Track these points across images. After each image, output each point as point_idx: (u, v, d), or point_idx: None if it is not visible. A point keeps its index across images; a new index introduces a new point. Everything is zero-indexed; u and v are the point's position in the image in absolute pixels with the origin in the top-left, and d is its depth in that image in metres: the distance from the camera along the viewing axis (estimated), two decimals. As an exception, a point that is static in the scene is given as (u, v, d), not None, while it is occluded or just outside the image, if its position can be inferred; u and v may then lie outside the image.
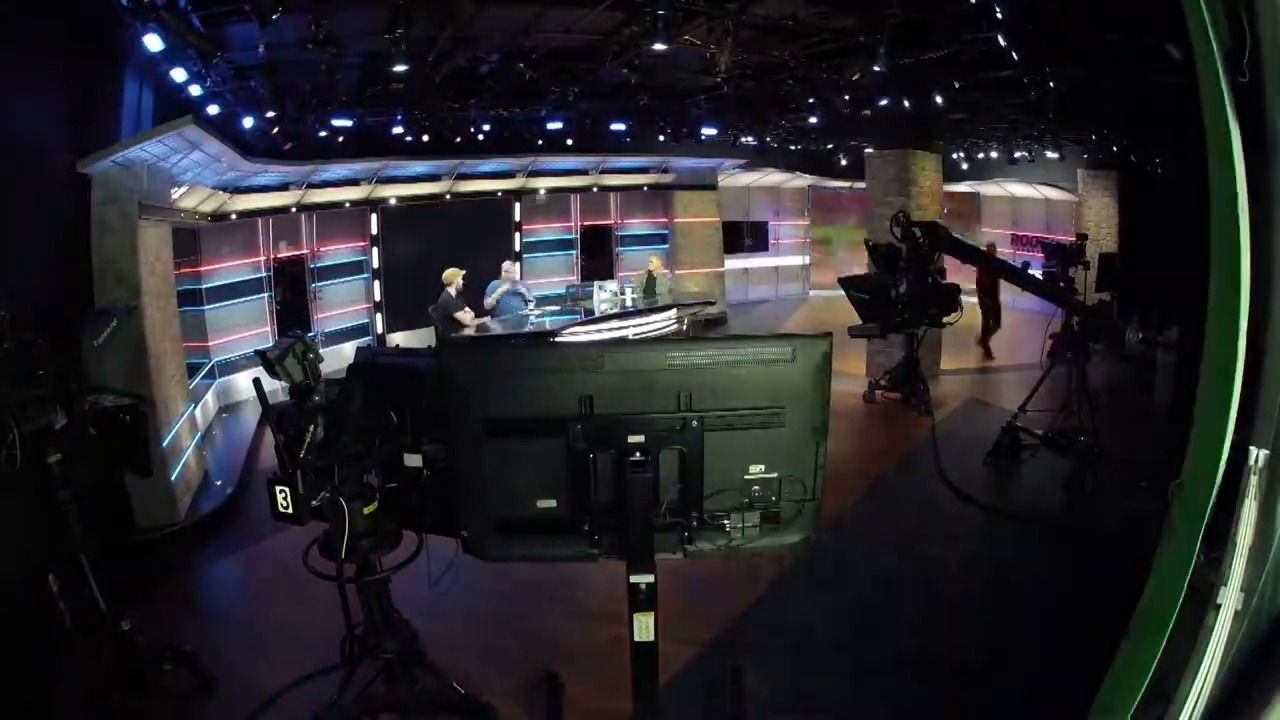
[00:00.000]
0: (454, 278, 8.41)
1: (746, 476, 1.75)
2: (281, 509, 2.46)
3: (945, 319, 7.21)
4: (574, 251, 13.72)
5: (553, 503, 1.76)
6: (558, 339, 8.22)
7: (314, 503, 2.46)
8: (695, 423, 1.69)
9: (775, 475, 1.75)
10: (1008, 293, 13.78)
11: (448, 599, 2.82)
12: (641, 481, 1.67)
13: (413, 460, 2.57)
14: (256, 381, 2.52)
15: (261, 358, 2.63)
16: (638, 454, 1.68)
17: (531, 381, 1.72)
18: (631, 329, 8.79)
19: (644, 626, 1.83)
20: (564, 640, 3.99)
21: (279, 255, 10.24)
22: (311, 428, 2.48)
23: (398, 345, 10.29)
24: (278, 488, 2.44)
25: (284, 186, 10.04)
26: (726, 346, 1.74)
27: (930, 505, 5.67)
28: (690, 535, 1.78)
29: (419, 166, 11.19)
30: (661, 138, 10.58)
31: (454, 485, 1.81)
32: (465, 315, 8.33)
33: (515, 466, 1.74)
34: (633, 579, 1.76)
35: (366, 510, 2.60)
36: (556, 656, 3.86)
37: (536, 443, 1.72)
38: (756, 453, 1.74)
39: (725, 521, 1.76)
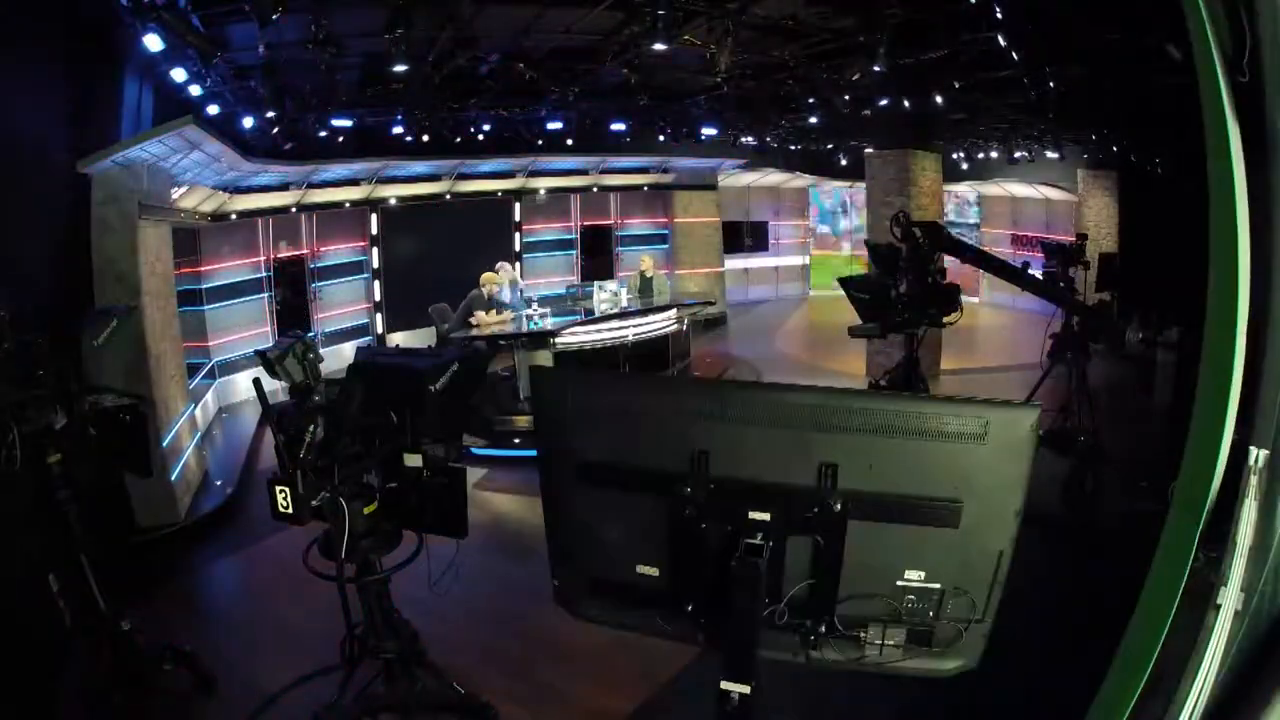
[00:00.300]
0: (490, 281, 8.42)
1: (900, 583, 1.34)
2: (282, 509, 2.45)
3: (945, 319, 7.22)
4: (574, 251, 13.72)
5: (654, 570, 1.43)
6: (557, 339, 8.23)
7: (314, 503, 2.45)
8: (839, 506, 1.28)
9: (937, 586, 1.34)
10: (1007, 293, 13.85)
11: (448, 599, 2.82)
12: (752, 572, 1.28)
13: (413, 460, 2.57)
14: (256, 381, 2.53)
15: (261, 358, 2.65)
16: (758, 535, 1.31)
17: (634, 423, 1.36)
18: (632, 330, 8.78)
19: None
20: (564, 640, 3.99)
21: (279, 255, 10.24)
22: (311, 428, 2.48)
23: (398, 345, 10.29)
24: (278, 488, 2.44)
25: (284, 186, 10.05)
26: (894, 404, 1.29)
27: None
28: (817, 641, 1.41)
29: (419, 166, 11.20)
30: (661, 138, 10.58)
31: (548, 526, 1.50)
32: (486, 316, 8.33)
33: (612, 521, 1.42)
34: (724, 685, 1.36)
35: (366, 510, 2.60)
36: (557, 656, 3.86)
37: (638, 498, 1.38)
38: (914, 554, 1.32)
39: (862, 633, 1.38)
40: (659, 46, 5.71)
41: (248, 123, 7.35)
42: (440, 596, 2.72)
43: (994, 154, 12.34)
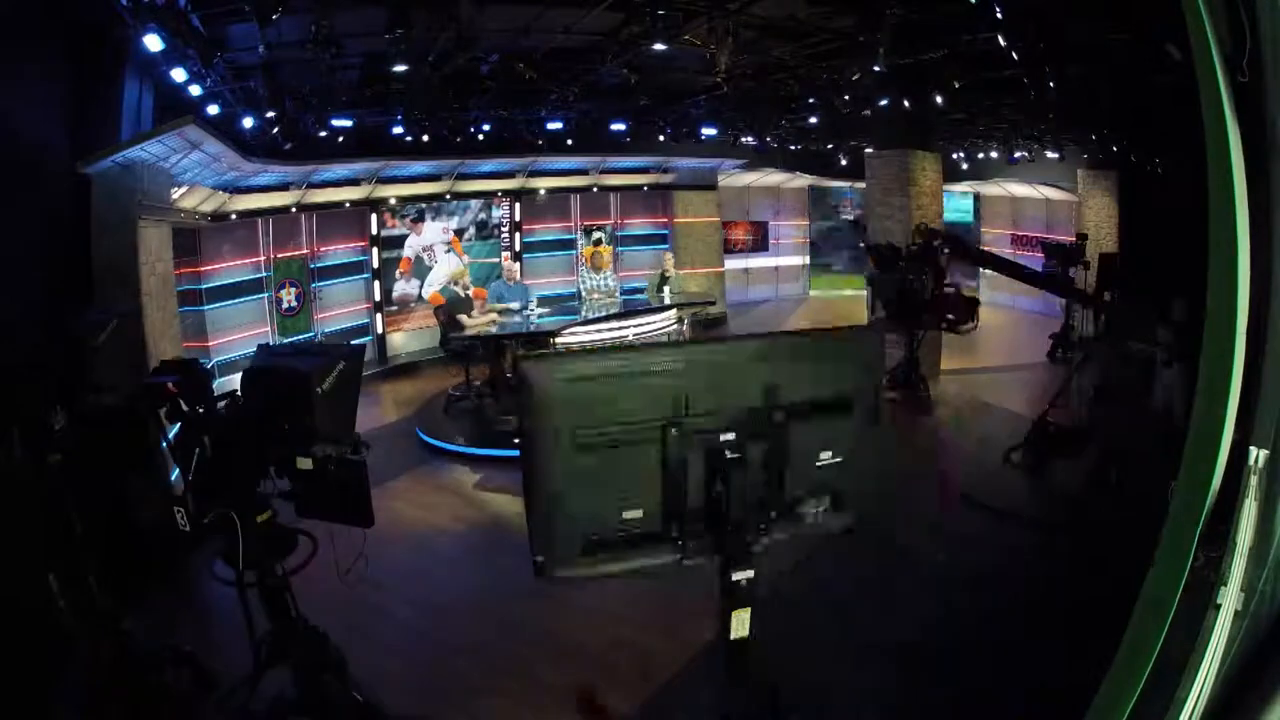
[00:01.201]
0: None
1: (818, 464, 1.78)
2: (181, 528, 2.59)
3: (962, 327, 7.40)
4: (574, 252, 13.72)
5: (639, 513, 1.70)
6: (558, 339, 8.23)
7: (205, 520, 2.59)
8: (779, 416, 1.70)
9: (842, 459, 1.79)
10: (1008, 292, 13.85)
11: (449, 598, 2.82)
12: (740, 479, 1.69)
13: (304, 464, 2.63)
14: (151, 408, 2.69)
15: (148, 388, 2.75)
16: (727, 452, 1.67)
17: (621, 386, 1.64)
18: (632, 330, 8.78)
19: (741, 622, 1.84)
20: (564, 639, 4.00)
21: (279, 255, 10.24)
22: (197, 450, 2.60)
23: (293, 343, 10.16)
24: (175, 508, 2.57)
25: (284, 186, 10.04)
26: (801, 339, 1.82)
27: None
28: (769, 527, 1.78)
29: (419, 166, 11.19)
30: (661, 138, 10.58)
31: (530, 507, 1.70)
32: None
33: (603, 478, 1.66)
34: (735, 575, 1.77)
35: (260, 519, 2.72)
36: (557, 656, 3.86)
37: (627, 451, 1.65)
38: (827, 440, 1.78)
39: (801, 509, 1.77)
40: (659, 46, 5.71)
41: (248, 123, 7.35)
42: (436, 592, 2.73)
43: (994, 154, 12.34)
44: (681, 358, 1.68)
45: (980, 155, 12.87)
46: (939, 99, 7.32)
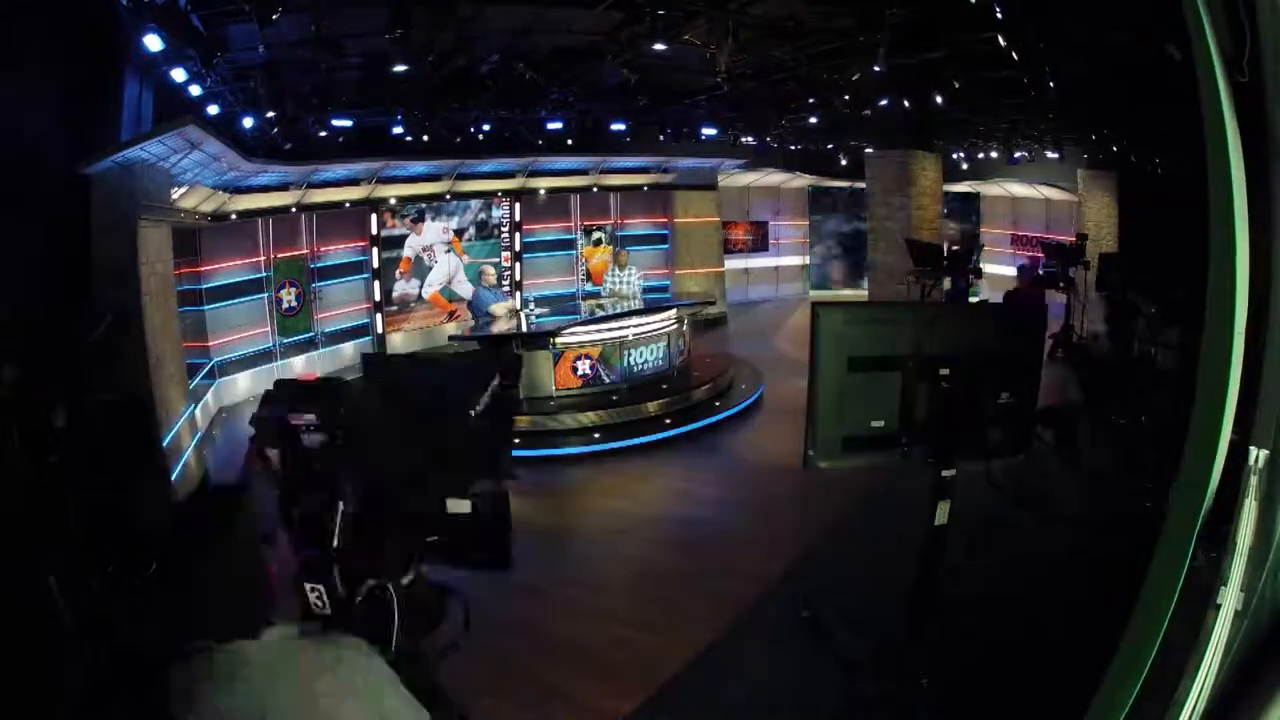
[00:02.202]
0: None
1: (999, 401, 2.47)
2: (316, 609, 1.74)
3: None
4: (574, 252, 13.73)
5: (882, 422, 2.39)
6: (558, 339, 8.24)
7: (357, 600, 1.76)
8: (978, 361, 2.43)
9: (1014, 400, 2.50)
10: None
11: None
12: (952, 404, 2.40)
13: (458, 507, 1.98)
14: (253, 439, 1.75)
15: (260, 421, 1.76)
16: (944, 384, 2.39)
17: (880, 329, 2.43)
18: (632, 330, 8.79)
19: (943, 511, 2.52)
20: (564, 639, 4.00)
21: (279, 255, 10.24)
22: (340, 503, 1.75)
23: (414, 354, 9.78)
24: (308, 586, 1.74)
25: (284, 186, 10.04)
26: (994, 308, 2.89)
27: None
28: (963, 441, 2.49)
29: (419, 166, 11.19)
30: (661, 138, 10.58)
31: (810, 413, 2.39)
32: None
33: (862, 395, 2.38)
34: (944, 473, 2.47)
35: (405, 581, 1.88)
36: (558, 655, 3.87)
37: (881, 376, 2.38)
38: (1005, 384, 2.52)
39: (985, 433, 2.48)
40: (659, 46, 5.72)
41: (248, 123, 7.36)
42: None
43: (994, 154, 12.34)
44: (927, 314, 2.74)
45: (980, 155, 12.87)
46: (939, 99, 7.32)
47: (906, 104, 7.70)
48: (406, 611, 1.79)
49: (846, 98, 7.75)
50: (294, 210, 10.32)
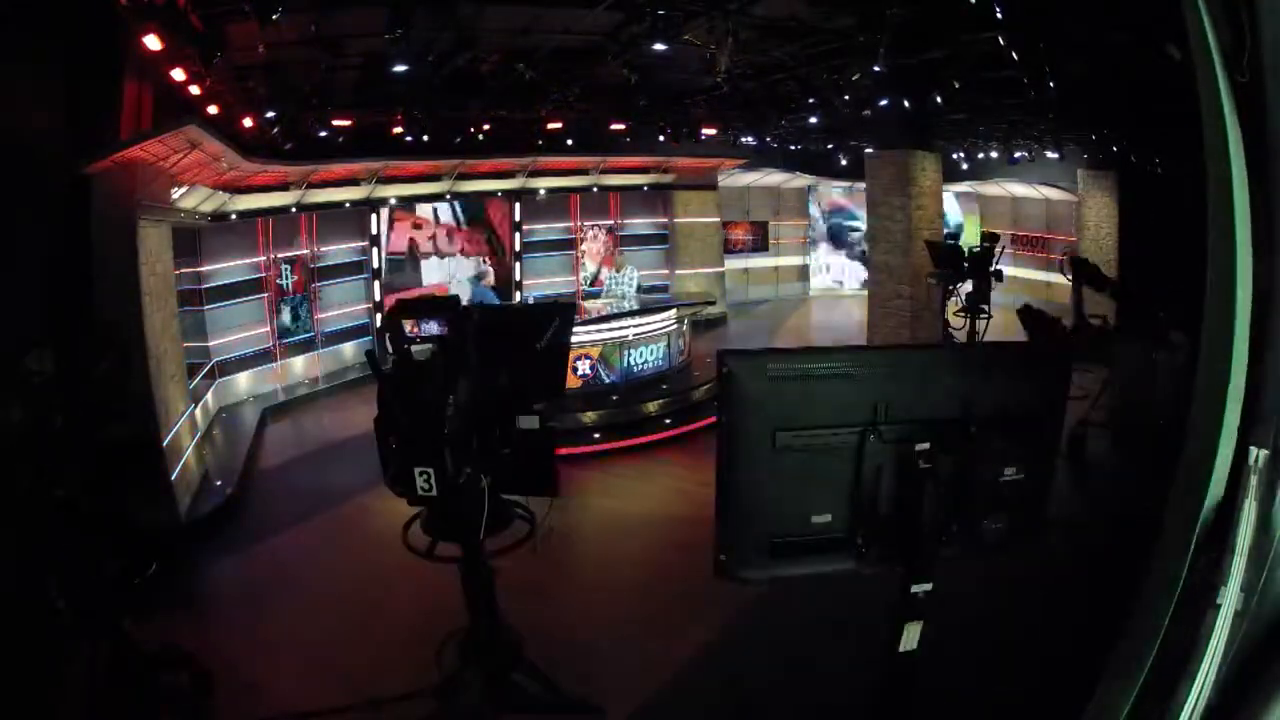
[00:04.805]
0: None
1: (1002, 479, 1.73)
2: (423, 491, 2.21)
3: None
4: (574, 251, 13.72)
5: (828, 517, 1.69)
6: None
7: (460, 481, 2.21)
8: (973, 428, 1.69)
9: (1024, 476, 1.74)
10: (1021, 295, 13.82)
11: (449, 597, 2.80)
12: (934, 490, 1.66)
13: (528, 423, 2.33)
14: (370, 354, 2.37)
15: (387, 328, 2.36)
16: (922, 462, 1.66)
17: (825, 388, 1.65)
18: (632, 330, 8.79)
19: (912, 635, 1.80)
20: (564, 639, 3.99)
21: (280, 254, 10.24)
22: (452, 396, 2.17)
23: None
24: (418, 470, 2.18)
25: (284, 186, 10.04)
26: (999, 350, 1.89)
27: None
28: (949, 540, 1.75)
29: (419, 166, 11.19)
30: (661, 138, 10.57)
31: (722, 506, 1.68)
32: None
33: (800, 480, 1.67)
34: (914, 588, 1.73)
35: (485, 484, 2.36)
36: (558, 655, 3.86)
37: (825, 455, 1.66)
38: (1010, 456, 1.74)
39: (981, 525, 1.75)
40: (659, 46, 5.71)
41: (248, 123, 7.35)
42: (434, 591, 2.71)
43: (994, 154, 12.34)
44: (888, 363, 1.71)
45: (980, 155, 12.86)
46: (939, 99, 7.31)
47: (906, 104, 7.69)
48: (490, 508, 2.28)
49: (846, 98, 7.74)
50: (294, 210, 10.32)
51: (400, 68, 5.72)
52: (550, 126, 9.47)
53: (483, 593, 2.59)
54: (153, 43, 4.67)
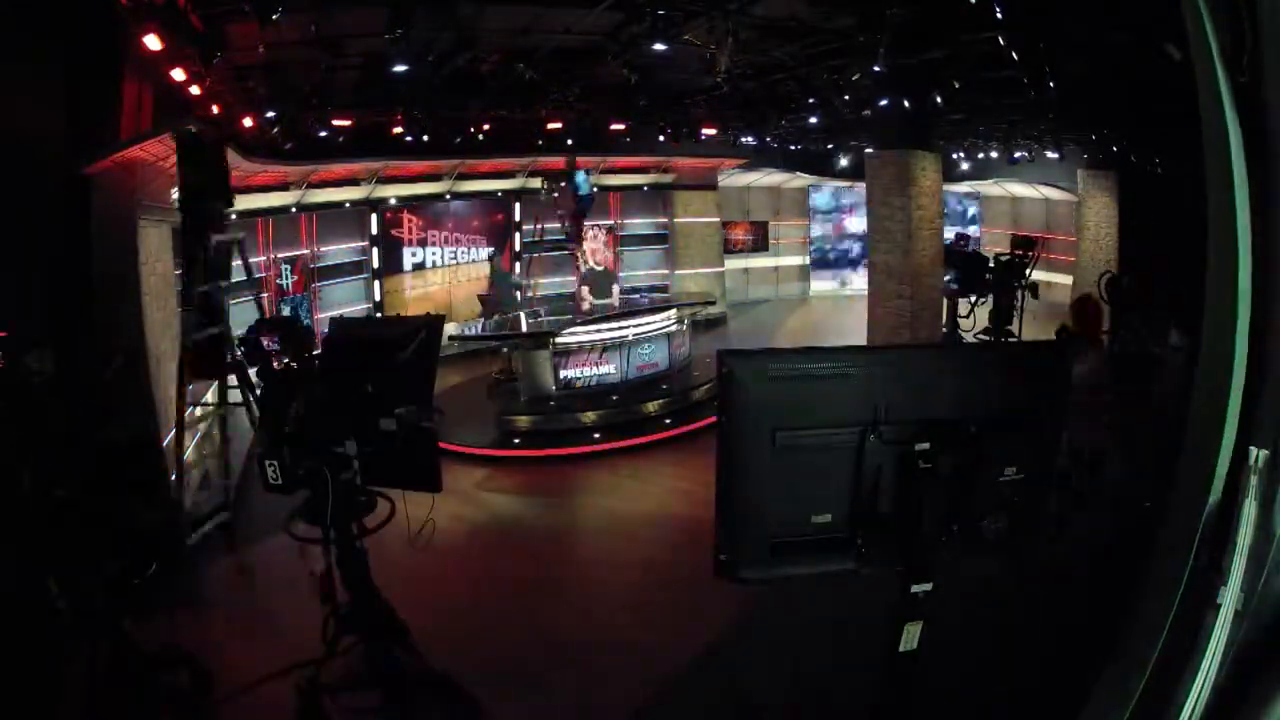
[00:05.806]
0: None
1: (1001, 479, 1.74)
2: (271, 481, 2.71)
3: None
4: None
5: (828, 517, 1.70)
6: (558, 339, 8.24)
7: (300, 472, 2.69)
8: (974, 428, 1.68)
9: (1023, 477, 1.75)
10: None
11: (450, 597, 2.82)
12: (934, 490, 1.67)
13: (387, 425, 2.73)
14: (240, 364, 2.72)
15: (245, 340, 2.95)
16: (922, 462, 1.66)
17: (824, 388, 1.66)
18: (632, 330, 8.79)
19: (912, 635, 1.80)
20: (564, 639, 4.00)
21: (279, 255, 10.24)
22: (293, 404, 2.71)
23: (370, 315, 10.54)
24: (267, 462, 2.69)
25: (284, 186, 10.04)
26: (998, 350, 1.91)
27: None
28: (949, 540, 1.75)
29: (419, 166, 11.20)
30: (661, 138, 10.58)
31: (722, 506, 1.70)
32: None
33: (800, 480, 1.68)
34: (915, 588, 1.74)
35: (343, 477, 2.80)
36: (557, 655, 3.86)
37: (826, 455, 1.67)
38: (1011, 456, 1.75)
39: (984, 522, 1.75)
40: (659, 46, 5.71)
41: (248, 123, 7.35)
42: (434, 591, 2.73)
43: (994, 154, 12.34)
44: (891, 362, 1.74)
45: (980, 155, 12.87)
46: (939, 99, 7.31)
47: (906, 104, 7.69)
48: (341, 495, 2.75)
49: (846, 98, 7.75)
50: (294, 210, 10.32)
51: (400, 68, 5.72)
52: (550, 126, 9.47)
53: (356, 571, 2.97)
54: (153, 43, 4.68)
